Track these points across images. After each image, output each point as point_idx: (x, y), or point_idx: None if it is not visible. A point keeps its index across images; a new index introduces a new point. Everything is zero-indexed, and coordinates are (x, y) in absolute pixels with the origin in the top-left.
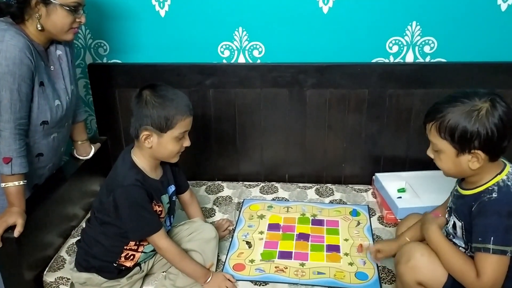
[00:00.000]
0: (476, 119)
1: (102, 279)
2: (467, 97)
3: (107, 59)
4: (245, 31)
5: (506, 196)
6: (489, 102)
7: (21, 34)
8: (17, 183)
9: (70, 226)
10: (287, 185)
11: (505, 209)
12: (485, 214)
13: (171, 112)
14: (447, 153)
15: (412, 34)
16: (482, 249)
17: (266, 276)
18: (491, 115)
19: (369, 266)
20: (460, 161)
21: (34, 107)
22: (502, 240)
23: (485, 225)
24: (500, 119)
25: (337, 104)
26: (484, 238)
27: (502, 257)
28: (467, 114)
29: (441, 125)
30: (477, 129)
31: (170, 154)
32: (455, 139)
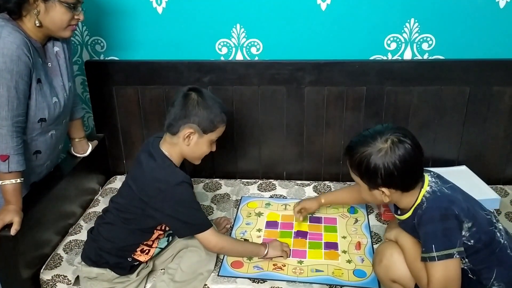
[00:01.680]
0: (376, 159)
1: (114, 274)
2: (373, 137)
3: (104, 56)
4: (243, 28)
5: (434, 202)
6: (390, 142)
7: (18, 30)
8: (14, 181)
9: (67, 223)
10: (285, 182)
11: (436, 214)
12: (422, 225)
13: (217, 116)
14: (362, 187)
15: (410, 31)
16: (428, 259)
17: (264, 274)
18: (389, 155)
19: (367, 264)
20: (374, 194)
21: (31, 104)
22: (444, 244)
23: (424, 234)
24: (399, 159)
25: (335, 101)
26: (426, 247)
27: (450, 261)
28: (370, 154)
29: (352, 163)
30: (377, 168)
31: (200, 155)
32: (363, 174)
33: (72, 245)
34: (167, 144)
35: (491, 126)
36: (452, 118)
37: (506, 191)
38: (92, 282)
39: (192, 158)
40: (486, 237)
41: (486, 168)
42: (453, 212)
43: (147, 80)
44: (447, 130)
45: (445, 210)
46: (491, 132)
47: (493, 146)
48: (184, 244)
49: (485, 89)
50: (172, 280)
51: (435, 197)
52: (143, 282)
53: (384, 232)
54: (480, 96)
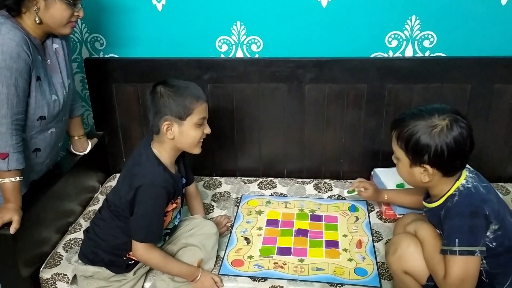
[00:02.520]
0: (429, 135)
1: (110, 273)
2: (430, 113)
3: (104, 54)
4: (243, 25)
5: (467, 198)
6: (448, 121)
7: (18, 27)
8: (14, 179)
9: (67, 222)
10: (286, 180)
11: (466, 210)
12: (449, 218)
13: (187, 98)
14: (403, 162)
15: (411, 29)
16: (449, 252)
17: (265, 272)
18: (445, 134)
19: (368, 262)
20: (413, 172)
21: (31, 102)
22: (468, 240)
23: (450, 227)
24: (453, 140)
25: (335, 99)
26: (449, 240)
27: (470, 258)
28: (424, 129)
29: (400, 134)
30: (428, 145)
31: (193, 141)
32: (408, 149)
33: (72, 243)
34: (156, 144)
35: (492, 124)
36: None
37: (507, 189)
38: (88, 281)
39: (188, 148)
40: (510, 243)
41: (487, 166)
42: (483, 211)
43: (147, 78)
44: None
45: (475, 207)
46: (492, 130)
47: (494, 144)
48: (183, 243)
49: (487, 87)
50: (172, 280)
51: (468, 192)
52: (141, 281)
53: (393, 227)
54: (481, 94)
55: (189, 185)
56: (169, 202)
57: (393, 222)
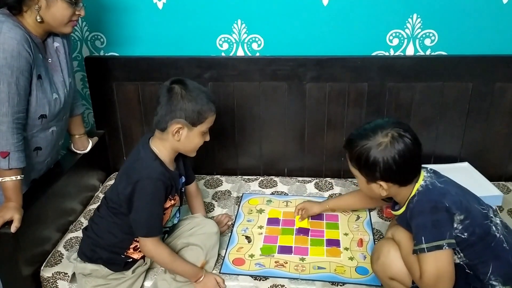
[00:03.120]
0: (376, 153)
1: (108, 271)
2: (373, 131)
3: (104, 52)
4: (244, 24)
5: (425, 195)
6: (390, 136)
7: (19, 26)
8: (14, 177)
9: (67, 220)
10: (286, 179)
11: (426, 206)
12: (412, 218)
13: (204, 107)
14: (360, 180)
15: (412, 27)
16: (418, 251)
17: (266, 271)
18: (389, 149)
19: (369, 261)
20: (371, 187)
21: (32, 101)
22: (433, 235)
23: (415, 227)
24: (398, 154)
25: (336, 97)
26: (417, 240)
27: (439, 252)
28: (370, 148)
29: (351, 155)
30: (376, 162)
31: (194, 148)
32: (361, 168)
33: (72, 242)
34: (157, 140)
35: (493, 122)
36: (455, 115)
37: (508, 188)
38: (86, 279)
39: (186, 152)
40: (480, 230)
41: (488, 165)
42: (443, 205)
43: (148, 76)
44: (449, 127)
45: (435, 202)
46: (493, 128)
47: (495, 143)
48: (185, 243)
49: (488, 85)
50: (174, 280)
51: (426, 190)
52: (140, 280)
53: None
54: (482, 92)
55: (189, 184)
56: (167, 196)
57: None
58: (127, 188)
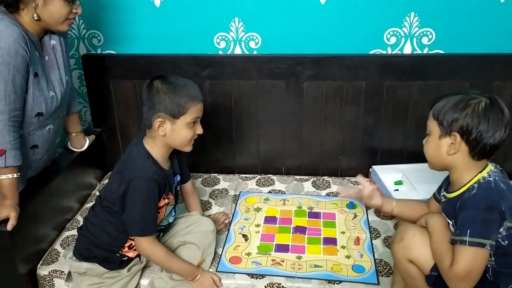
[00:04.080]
0: (464, 106)
1: (103, 269)
2: (471, 93)
3: (101, 50)
4: (241, 22)
5: (485, 191)
6: (488, 99)
7: (15, 23)
8: (11, 175)
9: (64, 219)
10: (284, 177)
11: (483, 203)
12: (464, 209)
13: (183, 98)
14: (433, 134)
15: (410, 26)
16: (459, 242)
17: (263, 269)
18: (482, 108)
19: (366, 259)
20: (441, 144)
21: (28, 99)
22: (480, 232)
23: (463, 218)
24: (489, 117)
25: (334, 96)
26: (461, 230)
27: (479, 250)
28: (460, 101)
29: (435, 107)
30: (461, 114)
31: (184, 141)
32: (441, 118)
33: (69, 240)
34: (148, 139)
35: None
36: None
37: None
38: (82, 278)
39: (178, 146)
40: None
41: None
42: (499, 207)
43: (145, 74)
44: None
45: (492, 202)
46: None
47: None
48: (181, 241)
49: (485, 84)
50: (171, 278)
51: (488, 186)
52: (136, 278)
53: (384, 229)
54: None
55: (185, 183)
56: (160, 195)
57: (391, 219)
58: (120, 187)
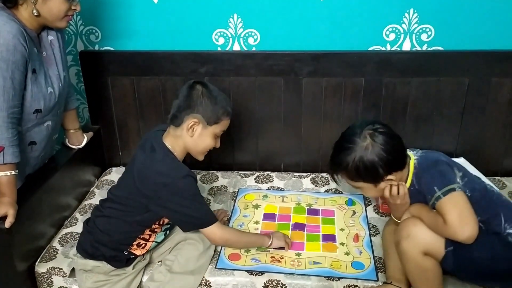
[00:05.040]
0: (367, 156)
1: (110, 267)
2: (350, 141)
3: (99, 46)
4: (240, 18)
5: (424, 158)
6: (369, 137)
7: (14, 19)
8: (9, 172)
9: (62, 216)
10: (283, 174)
11: (429, 163)
12: (421, 179)
13: (221, 109)
14: (367, 188)
15: (409, 22)
16: (435, 200)
17: (262, 266)
18: (376, 146)
19: (365, 256)
20: (380, 187)
21: (27, 95)
22: (443, 182)
23: (425, 184)
24: (385, 144)
25: (333, 92)
26: (430, 192)
27: (454, 194)
28: (359, 155)
29: (348, 173)
30: (375, 163)
31: (204, 148)
32: (364, 178)
33: (67, 237)
34: (171, 137)
35: (489, 118)
36: (451, 110)
37: (504, 183)
38: (87, 275)
39: (195, 153)
40: (480, 187)
41: (484, 160)
42: (442, 159)
43: (143, 71)
44: (445, 122)
45: (435, 159)
46: (489, 124)
47: (491, 138)
48: (182, 237)
49: (484, 81)
50: (170, 272)
51: (423, 156)
52: (140, 275)
53: (383, 225)
54: (479, 88)
55: None
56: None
57: (390, 216)
58: (160, 192)
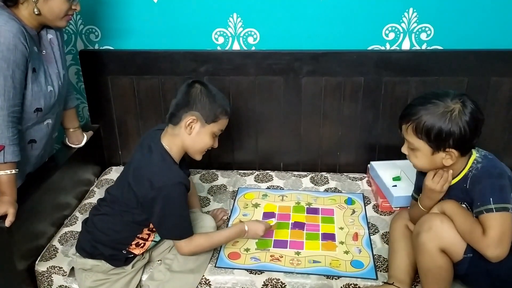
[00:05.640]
0: (450, 120)
1: (109, 266)
2: (439, 98)
3: (99, 46)
4: (239, 18)
5: (491, 162)
6: (460, 103)
7: (14, 19)
8: (9, 171)
9: (62, 215)
10: (282, 173)
11: (494, 171)
12: (478, 182)
13: (220, 108)
14: (423, 151)
15: (408, 21)
16: (485, 211)
17: (262, 265)
18: (463, 115)
19: (364, 255)
20: (435, 158)
21: (27, 94)
22: (501, 198)
23: (482, 189)
24: (472, 118)
25: (332, 92)
26: (483, 200)
27: (505, 214)
28: (441, 115)
29: (417, 126)
30: (451, 129)
31: (202, 147)
32: (431, 139)
33: (67, 236)
34: (168, 136)
35: (488, 116)
36: None
37: None
38: (87, 274)
39: (193, 152)
40: None
41: None
42: (507, 173)
43: (143, 70)
44: None
45: (500, 169)
46: (488, 122)
47: (490, 137)
48: None
49: (483, 80)
50: (169, 270)
51: (488, 159)
52: (139, 274)
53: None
54: (478, 87)
55: None
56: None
57: (389, 215)
58: (149, 193)
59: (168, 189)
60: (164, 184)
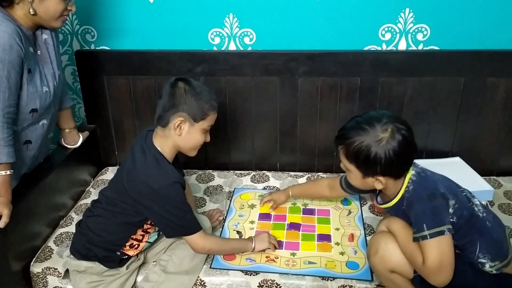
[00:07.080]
0: (377, 148)
1: (103, 268)
2: (370, 124)
3: (95, 46)
4: (236, 18)
5: (420, 183)
6: (390, 131)
7: (9, 19)
8: (4, 172)
9: (58, 216)
10: (278, 174)
11: (424, 194)
12: (411, 206)
13: (207, 104)
14: (355, 174)
15: (405, 22)
16: (420, 238)
17: (257, 266)
18: (391, 143)
19: (360, 256)
20: (366, 181)
21: (23, 95)
22: (434, 222)
23: (414, 215)
24: (400, 147)
25: (329, 92)
26: (418, 227)
27: (441, 238)
28: (370, 142)
29: (348, 150)
30: (378, 157)
31: (195, 145)
32: (360, 164)
33: (63, 237)
34: (159, 138)
35: (485, 117)
36: (446, 109)
37: (499, 183)
38: (81, 275)
39: (186, 150)
40: (467, 213)
41: (479, 160)
42: (439, 192)
43: (139, 70)
44: (441, 122)
45: (431, 190)
46: (485, 123)
47: (487, 138)
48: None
49: (480, 80)
50: (164, 272)
51: (420, 179)
52: (134, 275)
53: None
54: (474, 87)
55: None
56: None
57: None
58: (147, 196)
59: (166, 189)
60: (160, 186)
